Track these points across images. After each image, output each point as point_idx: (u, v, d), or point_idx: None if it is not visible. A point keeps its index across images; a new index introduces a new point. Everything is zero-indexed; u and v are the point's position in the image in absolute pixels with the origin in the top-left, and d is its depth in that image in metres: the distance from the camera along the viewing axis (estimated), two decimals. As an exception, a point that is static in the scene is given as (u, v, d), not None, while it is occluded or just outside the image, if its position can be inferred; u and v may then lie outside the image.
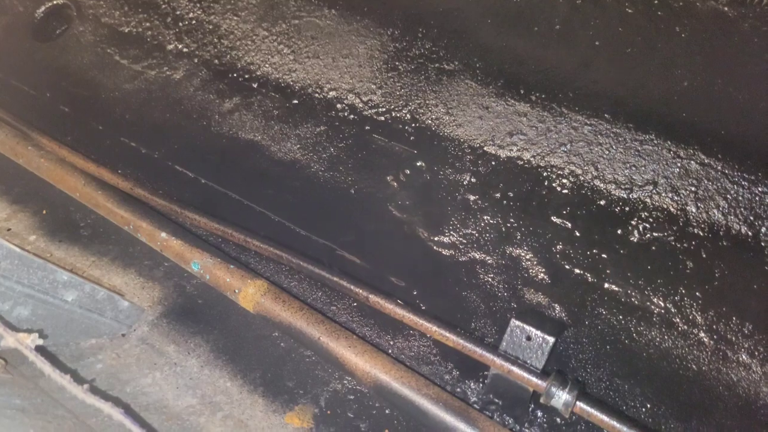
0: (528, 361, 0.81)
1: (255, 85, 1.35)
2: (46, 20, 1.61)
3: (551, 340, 0.82)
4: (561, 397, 0.77)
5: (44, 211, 1.27)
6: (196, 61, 1.42)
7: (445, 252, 1.06)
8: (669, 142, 1.00)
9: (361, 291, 0.94)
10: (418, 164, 1.16)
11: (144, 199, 1.12)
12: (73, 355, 0.92)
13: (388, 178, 1.16)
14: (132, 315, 1.02)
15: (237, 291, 0.99)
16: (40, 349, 0.70)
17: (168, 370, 0.96)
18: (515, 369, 0.80)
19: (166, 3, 1.48)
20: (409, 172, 1.16)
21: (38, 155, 1.24)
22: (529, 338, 0.83)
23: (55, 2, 1.60)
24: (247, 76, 1.36)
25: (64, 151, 1.23)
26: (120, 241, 1.20)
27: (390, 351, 0.99)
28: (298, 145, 1.25)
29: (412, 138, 1.19)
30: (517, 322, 0.84)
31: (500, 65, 1.16)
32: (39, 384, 0.83)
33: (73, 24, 1.57)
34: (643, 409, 0.88)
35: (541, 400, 0.78)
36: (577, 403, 0.77)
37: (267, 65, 1.35)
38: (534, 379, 0.79)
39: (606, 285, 0.96)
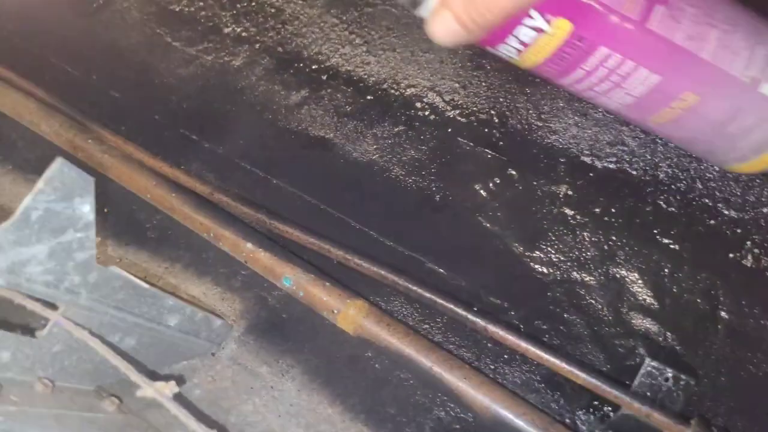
0: (665, 404, 0.76)
1: (324, 77, 1.23)
2: (86, -7, 1.46)
3: (692, 382, 0.76)
4: (710, 449, 0.72)
5: (106, 210, 1.17)
6: (257, 47, 1.29)
7: (544, 270, 0.99)
8: (788, 164, 0.93)
9: (479, 321, 0.87)
10: (508, 173, 1.07)
11: (225, 205, 1.03)
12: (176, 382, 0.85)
13: (476, 186, 1.08)
14: (222, 333, 0.95)
15: (335, 311, 0.91)
16: (177, 397, 0.63)
17: (266, 395, 0.90)
18: (655, 414, 0.75)
19: (222, -19, 1.35)
20: (498, 180, 1.07)
21: (100, 150, 1.13)
22: (667, 380, 0.77)
23: (94, -26, 1.45)
24: (315, 67, 1.25)
25: (130, 147, 1.12)
26: (191, 245, 1.11)
27: (491, 375, 0.93)
28: (375, 146, 1.15)
29: (500, 143, 1.10)
30: (654, 363, 0.78)
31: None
32: (148, 419, 0.77)
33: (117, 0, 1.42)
34: (765, 446, 0.85)
35: (686, 450, 0.74)
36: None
37: (337, 56, 1.24)
38: (676, 425, 0.74)
39: (719, 313, 0.90)
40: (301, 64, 1.25)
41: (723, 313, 0.91)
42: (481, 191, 1.07)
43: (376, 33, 1.22)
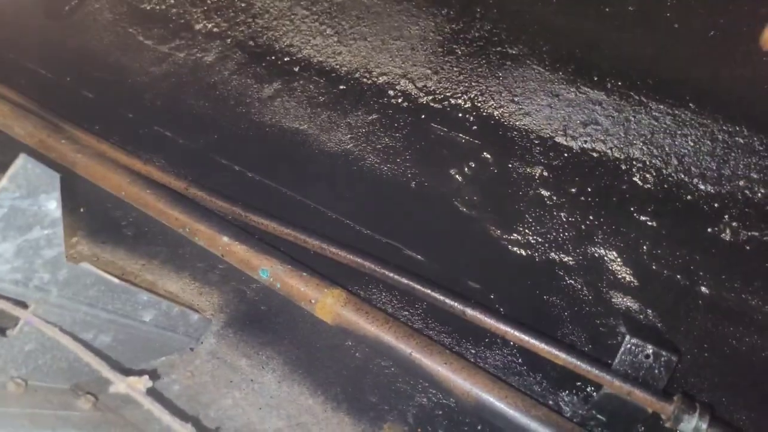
0: (648, 381, 0.75)
1: (296, 69, 1.22)
2: (56, -5, 1.44)
3: (674, 358, 0.75)
4: (690, 422, 0.71)
5: (81, 209, 1.15)
6: (228, 42, 1.28)
7: (521, 252, 0.98)
8: (762, 135, 0.92)
9: (457, 305, 0.86)
10: (483, 156, 1.06)
11: (200, 199, 1.01)
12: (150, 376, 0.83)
13: (451, 171, 1.06)
14: (200, 327, 0.93)
15: (313, 301, 0.90)
16: (152, 392, 0.62)
17: (246, 388, 0.88)
18: (637, 391, 0.74)
19: (192, -23, 1.33)
20: (473, 164, 1.06)
21: (74, 150, 1.10)
22: (648, 356, 0.76)
23: (64, -25, 1.43)
24: (287, 59, 1.23)
25: (104, 145, 1.10)
26: (167, 241, 1.09)
27: (473, 360, 0.92)
28: (350, 135, 1.14)
29: (474, 128, 1.09)
30: (634, 340, 0.77)
31: (570, 49, 1.05)
32: (125, 415, 0.75)
33: (88, 0, 1.40)
34: (746, 420, 0.84)
35: (667, 425, 0.73)
36: (709, 429, 0.71)
37: (309, 47, 1.22)
38: (658, 402, 0.73)
39: (699, 288, 0.89)
40: (273, 57, 1.24)
41: (703, 289, 0.89)
42: (457, 176, 1.06)
43: (347, 23, 1.20)
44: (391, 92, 1.14)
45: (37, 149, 1.16)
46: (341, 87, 1.17)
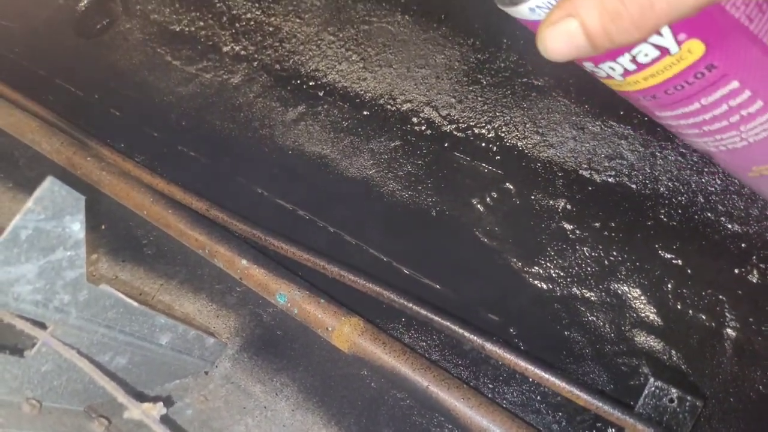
0: (671, 426, 0.70)
1: (321, 94, 1.19)
2: (89, 15, 1.43)
3: (699, 404, 0.70)
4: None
5: (102, 226, 1.13)
6: (255, 65, 1.26)
7: (542, 285, 0.94)
8: (791, 176, 0.88)
9: (476, 338, 0.82)
10: (505, 187, 1.02)
11: (221, 221, 0.98)
12: (163, 401, 0.80)
13: (473, 200, 1.03)
14: (216, 351, 0.90)
15: (330, 329, 0.86)
16: (165, 419, 0.58)
17: (259, 415, 0.84)
18: (662, 439, 0.69)
19: (221, 1, 1.31)
20: (495, 195, 1.02)
21: (99, 167, 1.09)
22: (672, 401, 0.71)
23: (98, -4, 1.42)
24: (312, 84, 1.21)
25: (129, 164, 1.08)
26: (186, 261, 1.07)
27: (491, 395, 0.87)
28: (372, 161, 1.11)
29: (497, 158, 1.05)
30: (658, 382, 0.72)
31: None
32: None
33: (119, 20, 1.40)
34: (777, 471, 0.78)
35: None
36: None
37: (334, 72, 1.20)
38: (683, 451, 0.68)
39: (726, 330, 0.85)
40: (298, 81, 1.21)
41: (729, 331, 0.85)
42: (478, 206, 1.02)
43: (373, 50, 1.18)
44: (414, 119, 1.11)
45: (63, 165, 1.14)
46: (365, 113, 1.15)
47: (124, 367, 0.80)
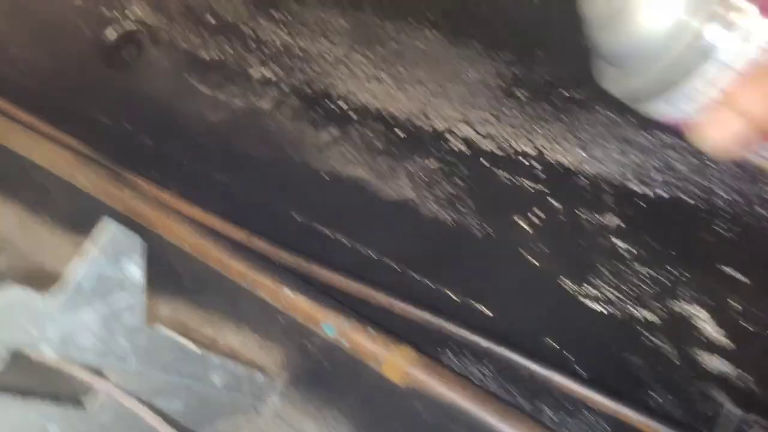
0: (755, 461, 0.66)
1: (353, 115, 1.17)
2: (117, 46, 1.42)
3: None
4: None
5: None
6: (284, 88, 1.24)
7: (599, 308, 0.89)
8: None
9: (534, 367, 0.78)
10: (551, 204, 0.98)
11: (262, 250, 0.96)
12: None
13: (518, 220, 0.99)
14: (265, 387, 0.87)
15: (381, 360, 0.83)
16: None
17: (312, 455, 0.81)
18: (748, 475, 0.65)
19: (248, 26, 1.30)
20: (541, 213, 0.99)
21: (136, 199, 1.07)
22: (752, 428, 0.67)
23: (125, 27, 1.42)
24: (343, 105, 1.18)
25: (166, 195, 1.07)
26: (225, 291, 1.04)
27: (554, 428, 0.83)
28: (410, 182, 1.08)
29: (540, 174, 1.01)
30: (735, 410, 0.68)
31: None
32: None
33: (147, 49, 1.39)
34: None
35: None
36: None
37: (365, 93, 1.17)
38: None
39: (799, 349, 0.80)
40: (330, 103, 1.19)
41: (802, 349, 0.80)
42: (524, 225, 0.98)
43: (404, 69, 1.15)
44: (451, 138, 1.08)
45: (99, 198, 1.13)
46: (400, 133, 1.12)
47: (181, 410, 0.77)
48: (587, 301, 0.90)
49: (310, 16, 1.23)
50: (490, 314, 0.92)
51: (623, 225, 0.93)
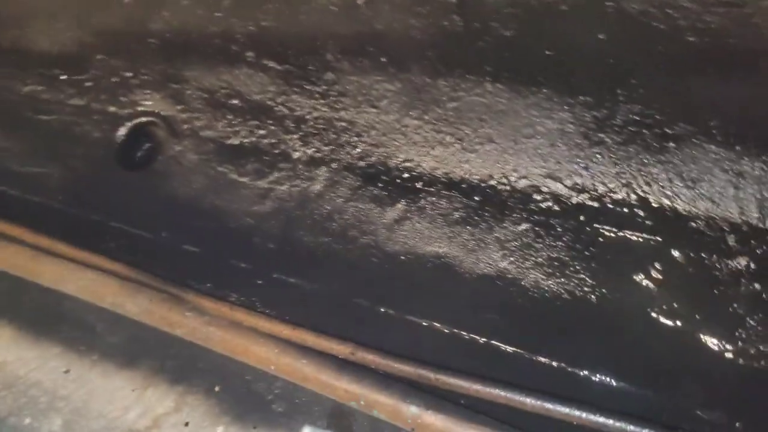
0: None
1: (419, 185, 1.07)
2: (131, 143, 1.30)
3: None
4: None
5: (217, 388, 0.98)
6: (334, 166, 1.13)
7: (755, 365, 0.80)
8: None
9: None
10: (669, 255, 0.90)
11: (372, 364, 0.84)
12: None
13: (635, 277, 0.90)
14: None
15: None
16: None
17: None
18: None
19: (280, 104, 1.19)
20: (660, 266, 0.90)
21: (204, 323, 0.94)
22: None
23: (138, 120, 1.29)
24: (406, 176, 1.08)
25: (238, 312, 0.94)
26: (326, 411, 0.92)
27: None
28: (501, 252, 0.98)
29: (647, 222, 0.93)
30: None
31: (742, 120, 0.90)
32: None
33: (167, 144, 1.26)
34: None
35: None
36: None
37: (429, 159, 1.07)
38: None
39: None
40: (390, 176, 1.09)
41: None
42: (644, 282, 0.89)
43: (468, 127, 1.05)
44: (537, 196, 0.99)
45: (157, 326, 1.00)
46: (477, 198, 1.02)
47: None
48: (740, 359, 0.81)
49: (349, 84, 1.13)
50: (636, 390, 0.82)
51: (756, 266, 0.85)
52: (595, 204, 0.96)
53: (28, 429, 0.98)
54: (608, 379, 0.84)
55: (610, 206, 0.95)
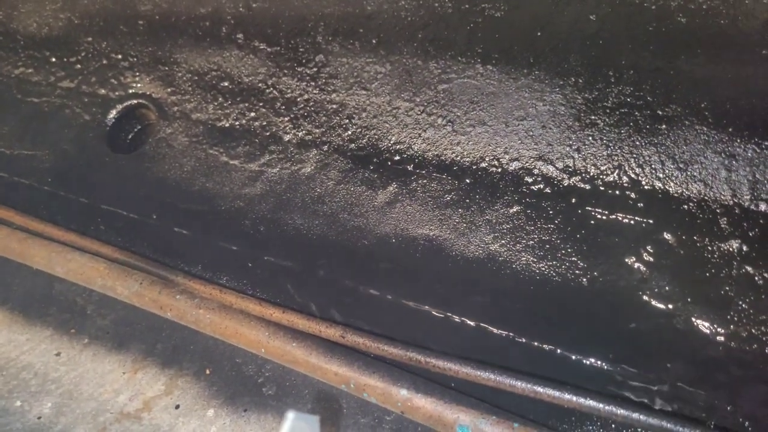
0: None
1: (410, 167, 1.03)
2: (121, 126, 1.26)
3: None
4: None
5: (207, 371, 0.95)
6: (325, 148, 1.09)
7: (746, 347, 0.78)
8: None
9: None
10: (660, 237, 0.87)
11: (362, 347, 0.81)
12: None
13: (626, 259, 0.87)
14: None
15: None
16: None
17: None
18: None
19: (270, 86, 1.15)
20: (651, 248, 0.87)
21: (194, 305, 0.91)
22: None
23: (127, 103, 1.25)
24: (397, 158, 1.05)
25: (230, 295, 0.91)
26: (317, 395, 0.89)
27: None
28: (492, 234, 0.95)
29: (639, 205, 0.90)
30: None
31: (734, 101, 0.87)
32: None
33: (157, 126, 1.22)
34: None
35: None
36: None
37: (420, 141, 1.04)
38: None
39: None
40: (381, 158, 1.05)
41: None
42: (636, 264, 0.87)
43: (459, 109, 1.02)
44: (528, 179, 0.96)
45: (147, 308, 0.97)
46: (468, 180, 0.99)
47: None
48: (732, 343, 0.79)
49: (339, 66, 1.09)
50: (634, 370, 0.80)
51: (748, 248, 0.82)
52: (587, 186, 0.93)
53: (18, 411, 0.96)
54: (599, 362, 0.82)
55: (602, 189, 0.92)
